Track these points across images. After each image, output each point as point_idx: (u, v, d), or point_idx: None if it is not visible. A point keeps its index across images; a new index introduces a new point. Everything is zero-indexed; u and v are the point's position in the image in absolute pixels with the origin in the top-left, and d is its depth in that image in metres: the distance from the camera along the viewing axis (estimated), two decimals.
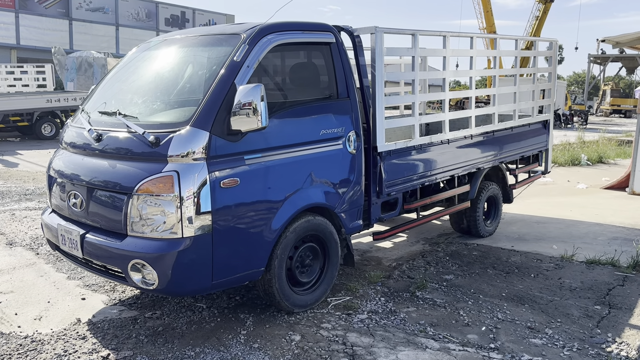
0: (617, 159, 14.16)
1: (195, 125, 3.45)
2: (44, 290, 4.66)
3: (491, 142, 6.10)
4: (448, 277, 5.02)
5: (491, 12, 36.52)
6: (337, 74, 4.35)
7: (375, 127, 4.60)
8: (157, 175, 3.39)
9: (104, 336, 3.79)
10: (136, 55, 4.59)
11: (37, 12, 32.01)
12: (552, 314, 4.22)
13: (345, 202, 4.38)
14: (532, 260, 5.53)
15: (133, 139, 3.58)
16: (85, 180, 3.76)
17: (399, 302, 4.42)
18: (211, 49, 4.06)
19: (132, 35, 36.22)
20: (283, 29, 4.03)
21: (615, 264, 5.34)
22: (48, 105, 16.99)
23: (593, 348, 3.68)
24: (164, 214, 3.38)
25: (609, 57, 50.25)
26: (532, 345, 3.70)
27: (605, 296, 4.59)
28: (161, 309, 4.25)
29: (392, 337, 3.78)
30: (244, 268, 3.72)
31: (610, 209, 8.10)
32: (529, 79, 7.03)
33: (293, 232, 3.97)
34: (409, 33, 4.94)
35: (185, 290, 3.59)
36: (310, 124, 4.11)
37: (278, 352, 3.56)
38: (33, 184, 9.60)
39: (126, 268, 3.48)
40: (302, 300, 4.17)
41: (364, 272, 5.14)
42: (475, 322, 4.05)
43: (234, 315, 4.14)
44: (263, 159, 3.73)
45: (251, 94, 3.43)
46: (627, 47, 11.00)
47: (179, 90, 3.94)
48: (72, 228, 3.81)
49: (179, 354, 3.53)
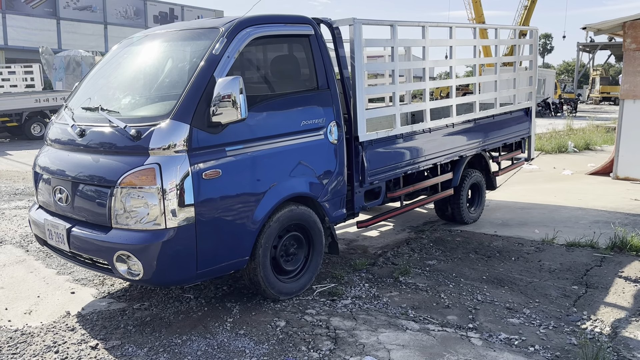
0: (604, 146, 14.32)
1: (176, 118, 3.52)
2: (34, 285, 4.73)
3: (473, 130, 6.20)
4: (431, 262, 5.13)
5: (480, 2, 36.63)
6: (316, 66, 4.43)
7: (356, 117, 4.69)
8: (139, 168, 3.47)
9: (93, 327, 3.87)
10: (119, 51, 4.65)
11: (24, 12, 31.84)
12: (531, 294, 4.34)
13: (329, 192, 4.47)
14: (514, 245, 5.65)
15: (115, 133, 3.65)
16: (70, 175, 3.83)
17: (382, 288, 4.52)
18: (191, 43, 4.13)
19: (121, 33, 36.04)
20: (261, 22, 4.10)
21: (594, 245, 5.46)
22: (37, 105, 16.96)
23: (568, 325, 3.80)
24: (147, 205, 3.46)
25: (597, 45, 50.46)
26: (509, 324, 3.82)
27: (582, 277, 4.71)
28: (149, 301, 4.33)
29: (374, 320, 3.88)
30: (228, 257, 3.80)
31: (593, 193, 8.24)
32: (511, 68, 7.13)
33: (277, 222, 4.05)
34: (388, 24, 5.02)
35: (170, 280, 3.67)
36: (291, 115, 4.19)
37: (263, 337, 3.66)
38: (23, 184, 9.63)
39: (112, 259, 3.55)
40: (287, 288, 4.26)
41: (350, 260, 5.24)
42: (455, 304, 4.16)
43: (221, 304, 4.23)
44: (244, 150, 3.81)
45: (230, 86, 3.51)
46: (608, 34, 11.11)
47: (160, 85, 4.02)
48: (58, 222, 3.88)
49: (166, 342, 3.62)
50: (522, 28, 7.18)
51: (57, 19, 33.30)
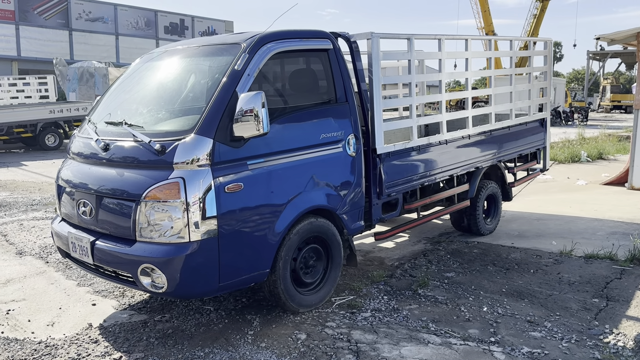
0: (617, 155, 14.24)
1: (200, 133, 3.57)
2: (55, 297, 4.78)
3: (489, 141, 6.21)
4: (449, 274, 5.13)
5: (489, 11, 36.73)
6: (335, 79, 4.47)
7: (373, 129, 4.72)
8: (163, 182, 3.51)
9: (116, 340, 3.91)
10: (139, 66, 4.72)
11: (37, 23, 32.28)
12: (551, 307, 4.33)
13: (347, 204, 4.49)
14: (532, 256, 5.63)
15: (139, 147, 3.70)
16: (94, 189, 3.88)
17: (401, 300, 4.53)
18: (212, 58, 4.19)
19: (132, 44, 36.47)
20: (281, 37, 4.15)
21: (613, 257, 5.44)
22: (51, 116, 17.16)
23: (591, 339, 3.78)
24: (171, 219, 3.50)
25: (608, 53, 50.30)
26: (531, 338, 3.81)
27: (603, 289, 4.69)
28: (170, 313, 4.36)
29: (395, 334, 3.89)
30: (249, 270, 3.83)
31: (609, 204, 8.19)
32: (526, 78, 7.14)
33: (296, 234, 4.08)
34: (405, 37, 5.06)
35: (193, 292, 3.70)
36: (310, 128, 4.23)
37: (285, 350, 3.67)
38: (39, 194, 9.73)
39: (136, 272, 3.60)
40: (306, 301, 4.28)
41: (367, 271, 5.25)
42: (476, 318, 4.15)
43: (241, 316, 4.25)
44: (265, 163, 3.85)
45: (252, 101, 3.56)
46: (621, 44, 11.09)
47: (183, 99, 4.07)
48: (82, 235, 3.93)
49: (189, 355, 3.64)
50: (535, 39, 7.19)
51: (69, 30, 33.72)
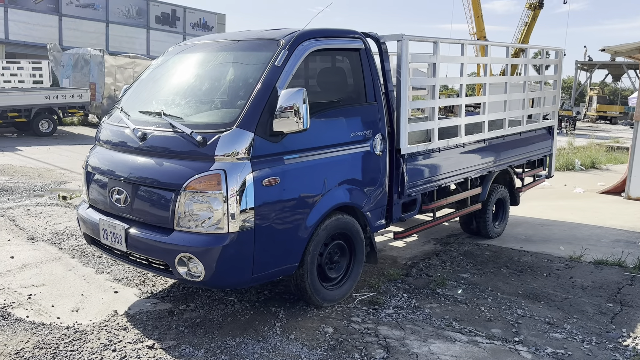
0: (609, 165, 14.55)
1: (241, 127, 3.62)
2: (75, 283, 4.78)
3: (502, 146, 6.33)
4: (465, 275, 5.24)
5: (482, 17, 37.05)
6: (365, 79, 4.54)
7: (399, 130, 4.80)
8: (205, 174, 3.55)
9: (145, 327, 3.93)
10: (170, 57, 4.73)
11: (27, 7, 31.76)
12: (568, 310, 4.45)
13: (372, 202, 4.57)
14: (543, 261, 5.77)
15: (179, 138, 3.73)
16: (130, 177, 3.90)
17: (421, 299, 4.62)
18: (250, 53, 4.22)
19: (122, 32, 36.11)
20: (318, 36, 4.21)
21: (622, 264, 5.60)
22: (46, 102, 16.94)
23: (610, 342, 3.91)
24: (211, 210, 3.54)
25: (595, 64, 51.07)
26: (553, 339, 3.92)
27: (616, 294, 4.84)
28: (194, 302, 4.40)
29: (422, 331, 3.97)
30: (280, 263, 3.89)
31: (609, 212, 8.40)
32: (536, 86, 7.28)
33: (324, 230, 4.14)
34: (431, 40, 5.14)
35: (227, 282, 3.75)
36: (342, 126, 4.30)
37: (314, 343, 3.74)
38: (39, 180, 9.65)
39: (173, 261, 3.63)
40: (330, 295, 4.35)
41: (382, 270, 5.33)
42: (497, 318, 4.26)
43: (266, 308, 4.30)
44: (300, 159, 3.91)
45: (294, 97, 3.62)
46: (625, 57, 11.33)
47: (222, 93, 4.10)
48: (115, 223, 3.94)
49: (221, 344, 3.69)
50: (549, 48, 7.32)
51: (59, 15, 33.25)
